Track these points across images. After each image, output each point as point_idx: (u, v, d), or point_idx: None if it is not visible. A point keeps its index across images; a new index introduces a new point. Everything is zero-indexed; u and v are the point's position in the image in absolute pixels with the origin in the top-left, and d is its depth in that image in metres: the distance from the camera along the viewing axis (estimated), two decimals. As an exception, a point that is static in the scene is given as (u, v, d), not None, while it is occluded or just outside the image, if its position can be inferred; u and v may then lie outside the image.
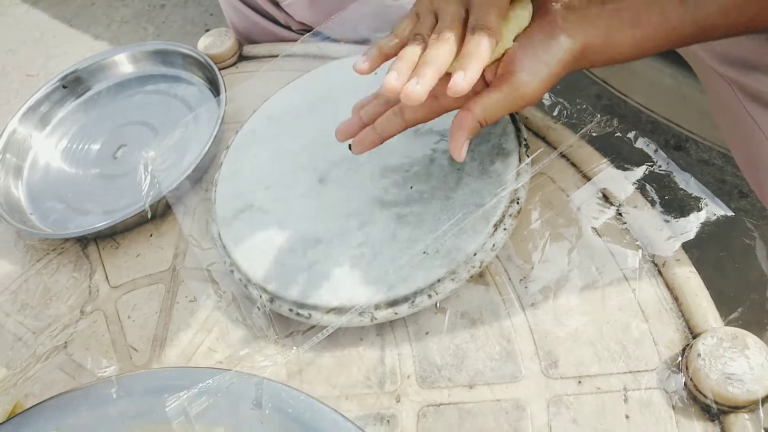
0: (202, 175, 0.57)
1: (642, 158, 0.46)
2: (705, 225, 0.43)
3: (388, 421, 0.41)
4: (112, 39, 1.71)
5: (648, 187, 0.46)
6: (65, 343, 0.48)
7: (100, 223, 0.54)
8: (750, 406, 0.35)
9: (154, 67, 0.68)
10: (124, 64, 0.69)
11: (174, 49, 0.66)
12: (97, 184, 0.61)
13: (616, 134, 0.46)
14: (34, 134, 0.66)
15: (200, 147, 0.56)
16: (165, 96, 0.66)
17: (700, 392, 0.36)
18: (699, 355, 0.36)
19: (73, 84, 0.68)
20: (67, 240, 0.58)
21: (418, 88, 0.35)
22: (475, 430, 0.39)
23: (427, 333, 0.44)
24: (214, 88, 0.63)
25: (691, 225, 0.43)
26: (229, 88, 0.61)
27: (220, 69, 0.63)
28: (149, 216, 0.54)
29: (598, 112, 0.48)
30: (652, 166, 0.45)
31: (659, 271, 0.43)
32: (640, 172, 0.46)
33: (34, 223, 0.59)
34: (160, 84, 0.67)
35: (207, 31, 0.69)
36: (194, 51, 0.65)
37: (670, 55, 0.61)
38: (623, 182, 0.47)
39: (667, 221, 0.45)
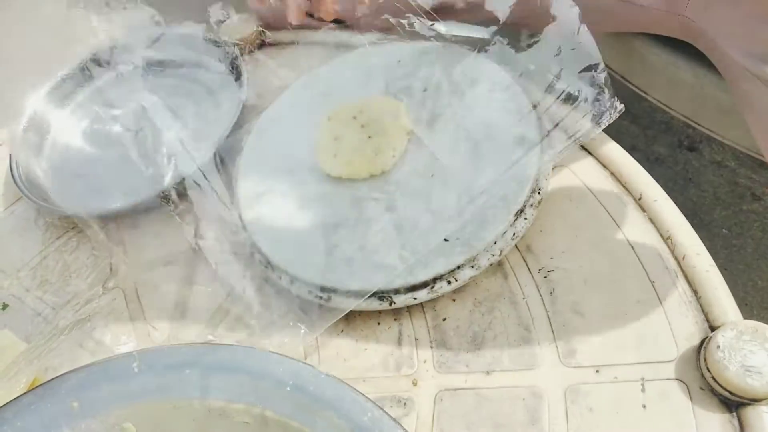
0: (223, 158, 0.57)
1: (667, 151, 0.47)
2: (727, 218, 0.43)
3: (405, 404, 0.42)
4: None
5: (669, 173, 0.46)
6: (89, 316, 0.49)
7: (119, 204, 0.54)
8: (768, 399, 0.35)
9: (176, 50, 0.68)
10: (147, 47, 0.69)
11: (197, 33, 0.66)
12: (117, 165, 0.61)
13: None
14: (55, 113, 0.66)
15: (221, 131, 0.56)
16: (186, 80, 0.66)
17: (719, 384, 0.36)
18: (718, 347, 0.37)
19: (95, 65, 0.68)
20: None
21: None
22: (491, 416, 0.40)
23: (444, 319, 0.45)
24: (236, 73, 0.63)
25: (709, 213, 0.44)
26: (250, 74, 0.61)
27: (241, 54, 0.63)
28: (172, 197, 0.54)
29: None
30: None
31: (679, 264, 0.43)
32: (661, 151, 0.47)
33: (54, 201, 0.59)
34: (181, 68, 0.67)
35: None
36: (217, 36, 0.65)
37: (692, 52, 0.61)
38: (644, 174, 0.47)
39: (689, 214, 0.45)
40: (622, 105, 0.46)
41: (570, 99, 0.47)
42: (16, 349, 0.49)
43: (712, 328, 0.40)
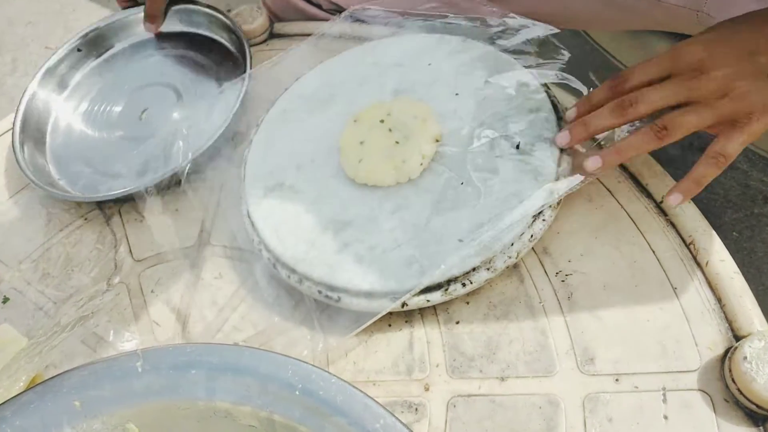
0: (231, 151, 0.56)
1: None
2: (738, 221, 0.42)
3: (416, 409, 0.40)
4: (133, 15, 1.70)
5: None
6: (92, 313, 0.48)
7: (126, 188, 0.53)
8: (798, 413, 0.34)
9: (175, 26, 0.66)
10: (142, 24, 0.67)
11: (199, 9, 0.64)
12: (123, 147, 0.59)
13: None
14: (53, 96, 0.64)
15: (223, 118, 0.55)
16: (185, 58, 0.65)
17: (745, 396, 0.35)
18: (745, 357, 0.35)
19: (90, 46, 0.67)
20: (91, 211, 0.57)
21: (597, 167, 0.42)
22: (506, 424, 0.38)
23: (457, 322, 0.43)
24: (239, 51, 0.61)
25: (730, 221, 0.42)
26: (259, 66, 0.60)
27: (250, 46, 0.61)
28: (185, 173, 0.53)
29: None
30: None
31: (702, 271, 0.42)
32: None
33: (63, 187, 0.58)
34: (180, 45, 0.66)
35: (229, 11, 0.67)
36: (220, 12, 0.63)
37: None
38: (666, 176, 0.46)
39: (709, 217, 0.44)
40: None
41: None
42: (17, 343, 0.47)
43: (737, 338, 0.38)
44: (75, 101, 0.65)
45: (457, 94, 0.50)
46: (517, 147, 0.45)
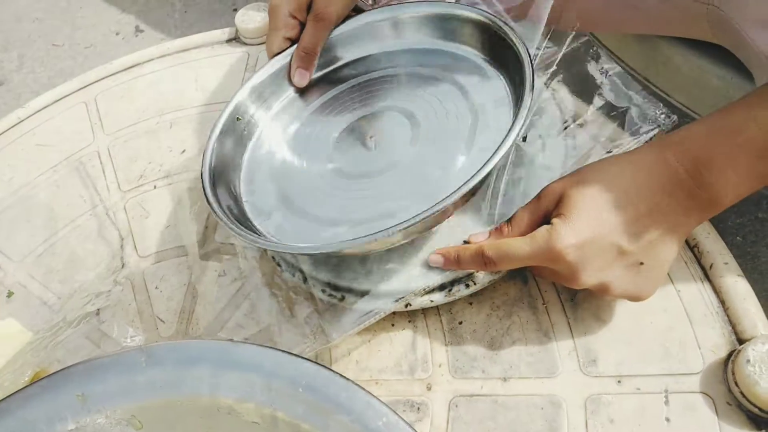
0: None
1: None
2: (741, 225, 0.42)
3: (419, 408, 0.40)
4: (139, 12, 1.70)
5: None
6: (98, 310, 0.48)
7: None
8: (800, 417, 0.34)
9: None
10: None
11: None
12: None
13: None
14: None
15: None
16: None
17: (747, 399, 0.35)
18: (748, 361, 0.35)
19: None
20: (95, 206, 0.57)
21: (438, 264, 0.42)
22: (508, 424, 0.39)
23: (461, 323, 0.43)
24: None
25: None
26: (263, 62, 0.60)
27: (257, 44, 0.61)
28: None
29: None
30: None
31: (706, 274, 0.42)
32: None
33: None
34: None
35: (235, 9, 0.66)
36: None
37: (718, 55, 0.60)
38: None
39: (713, 221, 0.44)
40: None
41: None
42: (21, 337, 0.48)
43: (740, 341, 0.38)
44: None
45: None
46: (524, 139, 0.45)
